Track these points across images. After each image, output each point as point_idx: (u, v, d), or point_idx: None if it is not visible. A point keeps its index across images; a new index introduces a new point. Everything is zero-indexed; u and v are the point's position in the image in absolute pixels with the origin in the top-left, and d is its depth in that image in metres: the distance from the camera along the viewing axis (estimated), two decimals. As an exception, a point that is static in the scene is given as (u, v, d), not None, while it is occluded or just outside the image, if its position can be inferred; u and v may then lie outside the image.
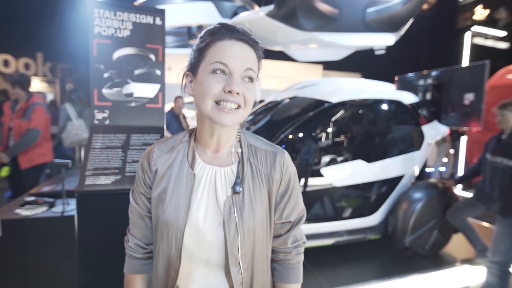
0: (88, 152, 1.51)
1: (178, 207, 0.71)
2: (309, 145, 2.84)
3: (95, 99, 1.61)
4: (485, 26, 10.66)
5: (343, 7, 3.10)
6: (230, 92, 0.65)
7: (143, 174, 0.78)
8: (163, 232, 0.72)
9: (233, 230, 0.70)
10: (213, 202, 0.73)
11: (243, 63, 0.67)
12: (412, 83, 4.32)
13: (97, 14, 1.58)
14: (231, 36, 0.68)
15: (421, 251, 2.93)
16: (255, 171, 0.75)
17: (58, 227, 1.63)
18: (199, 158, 0.76)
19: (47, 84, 9.94)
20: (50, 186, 2.17)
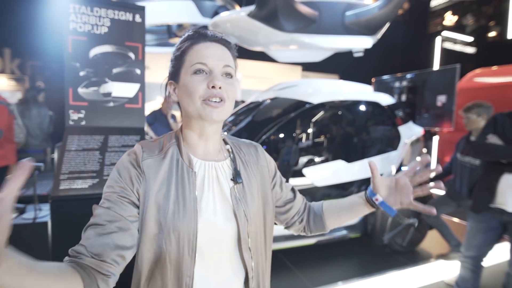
0: (63, 154, 1.42)
1: (186, 208, 0.70)
2: (290, 146, 2.86)
3: (70, 99, 1.53)
4: (454, 31, 11.24)
5: (323, 9, 3.15)
6: (213, 87, 0.70)
7: (129, 174, 0.70)
8: (170, 239, 0.67)
9: (243, 216, 0.75)
10: (219, 195, 0.75)
11: (221, 61, 0.72)
12: (388, 85, 4.47)
13: (72, 10, 1.50)
14: (205, 39, 0.74)
15: (398, 248, 3.03)
16: (245, 163, 0.83)
17: (30, 234, 1.53)
18: (194, 157, 0.76)
19: (15, 82, 9.41)
20: (20, 191, 2.04)
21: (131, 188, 0.69)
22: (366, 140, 3.10)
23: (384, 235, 2.91)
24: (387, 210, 0.82)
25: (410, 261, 2.90)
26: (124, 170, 0.70)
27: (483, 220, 2.17)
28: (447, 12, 11.17)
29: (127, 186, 0.69)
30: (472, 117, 2.62)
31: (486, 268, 2.77)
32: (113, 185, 0.69)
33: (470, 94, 6.19)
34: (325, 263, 2.88)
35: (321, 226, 0.92)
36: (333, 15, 3.25)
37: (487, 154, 2.09)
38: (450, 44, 11.42)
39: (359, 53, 3.70)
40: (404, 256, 3.00)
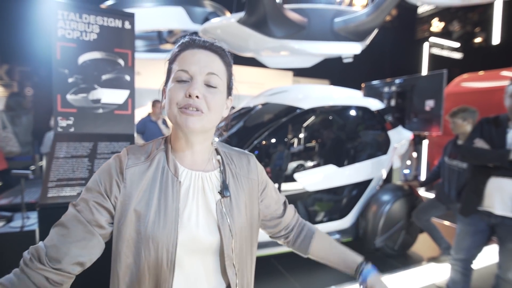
0: (51, 162, 1.40)
1: (167, 218, 0.67)
2: (281, 151, 2.87)
3: (59, 105, 1.52)
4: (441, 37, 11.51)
5: (312, 16, 3.20)
6: (190, 96, 0.66)
7: (110, 180, 0.68)
8: (149, 249, 0.66)
9: (227, 232, 0.72)
10: (204, 207, 0.72)
11: (204, 68, 0.69)
12: (377, 90, 4.53)
13: (61, 16, 1.49)
14: (193, 46, 0.71)
15: (390, 252, 3.05)
16: (235, 175, 0.80)
17: (18, 242, 1.50)
18: (181, 166, 0.74)
19: (3, 88, 9.25)
20: (8, 199, 1.99)
21: (108, 195, 0.68)
22: (356, 144, 3.14)
23: (376, 239, 2.93)
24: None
25: (402, 264, 2.93)
26: (106, 175, 0.69)
27: (472, 223, 2.21)
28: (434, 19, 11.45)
29: (104, 193, 0.68)
30: (458, 121, 2.68)
31: (476, 271, 2.81)
32: (91, 188, 0.69)
33: (458, 98, 6.34)
34: (317, 267, 2.87)
35: (304, 251, 0.92)
36: (322, 22, 3.30)
37: (474, 158, 2.14)
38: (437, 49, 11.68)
39: (348, 59, 3.75)
40: (396, 260, 3.02)
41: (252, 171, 0.84)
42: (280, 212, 0.91)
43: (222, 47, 0.75)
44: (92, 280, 0.68)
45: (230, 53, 0.78)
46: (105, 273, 0.71)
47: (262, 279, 2.59)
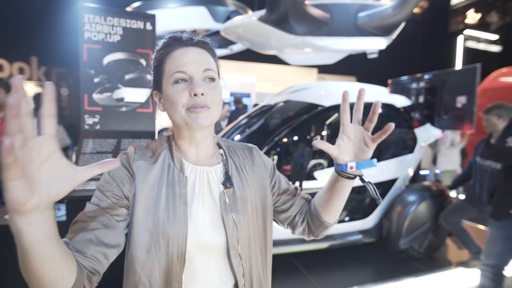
0: (79, 157, 1.49)
1: (176, 214, 0.69)
2: (302, 149, 2.85)
3: (86, 104, 1.60)
4: (477, 29, 10.82)
5: (335, 11, 3.13)
6: (195, 95, 0.68)
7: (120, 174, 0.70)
8: (159, 244, 0.68)
9: (231, 223, 0.73)
10: (209, 200, 0.74)
11: (199, 65, 0.70)
12: (405, 86, 4.36)
13: (87, 20, 1.58)
14: (181, 45, 0.71)
15: (415, 254, 2.93)
16: (239, 167, 0.80)
17: (48, 233, 1.61)
18: (186, 162, 0.75)
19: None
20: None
21: (121, 189, 0.69)
22: (380, 143, 3.03)
23: (400, 240, 2.83)
24: (367, 166, 0.74)
25: (428, 268, 2.81)
26: (116, 171, 0.70)
27: (503, 227, 2.08)
28: (470, 10, 10.77)
29: (117, 187, 0.69)
30: (492, 119, 2.50)
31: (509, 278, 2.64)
32: (104, 185, 0.70)
33: (494, 94, 5.94)
34: (337, 267, 2.84)
35: (319, 222, 0.83)
36: (345, 17, 3.22)
37: (506, 158, 2.01)
38: (473, 43, 11.00)
39: (373, 54, 3.64)
40: (422, 263, 2.90)
41: (257, 160, 0.84)
42: (292, 195, 0.88)
43: (205, 40, 0.75)
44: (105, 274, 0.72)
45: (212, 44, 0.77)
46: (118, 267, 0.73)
47: (281, 278, 2.59)
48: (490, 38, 10.97)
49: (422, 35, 11.09)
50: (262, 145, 2.64)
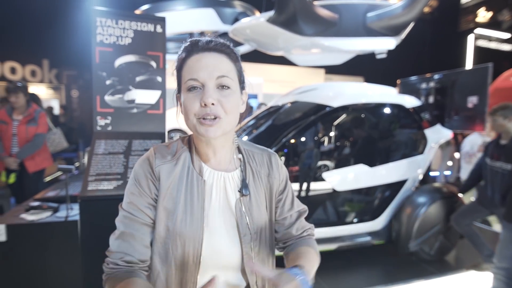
0: (91, 158, 1.53)
1: (193, 216, 0.71)
2: (310, 150, 2.84)
3: (98, 106, 1.64)
4: (488, 28, 10.63)
5: (343, 12, 3.12)
6: (206, 105, 0.67)
7: (146, 181, 0.73)
8: (176, 245, 0.70)
9: (246, 230, 0.74)
10: (225, 205, 0.75)
11: (213, 72, 0.68)
12: (414, 87, 4.31)
13: (99, 23, 1.61)
14: (197, 50, 0.70)
15: (426, 257, 2.89)
16: (255, 174, 0.81)
17: (62, 231, 1.65)
18: (205, 165, 0.76)
19: (53, 91, 10.09)
20: (55, 191, 2.19)
21: (149, 195, 0.72)
22: (389, 144, 3.02)
23: (410, 243, 2.80)
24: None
25: (438, 270, 2.77)
26: (142, 178, 0.73)
27: (517, 229, 2.04)
28: (481, 8, 10.59)
29: (145, 193, 0.72)
30: (498, 119, 2.48)
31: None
32: (134, 192, 0.73)
33: (507, 94, 5.82)
34: (346, 269, 2.82)
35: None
36: (354, 17, 3.21)
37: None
38: (484, 42, 10.81)
39: (382, 54, 3.61)
40: (432, 265, 2.87)
41: (273, 170, 0.84)
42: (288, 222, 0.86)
43: (226, 43, 0.73)
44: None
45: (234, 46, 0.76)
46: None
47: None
48: (501, 37, 10.76)
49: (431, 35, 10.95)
50: (269, 146, 2.65)
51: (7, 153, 3.09)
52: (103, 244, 1.50)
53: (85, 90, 10.25)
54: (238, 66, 0.75)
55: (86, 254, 1.48)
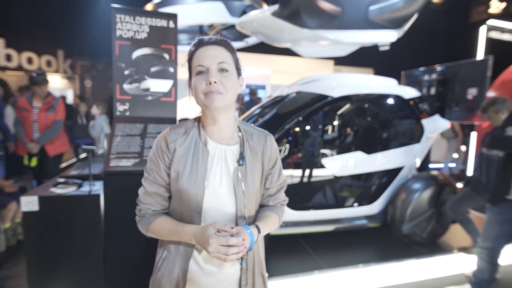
0: (112, 139, 1.75)
1: (197, 178, 0.92)
2: (312, 137, 3.01)
3: (117, 93, 1.85)
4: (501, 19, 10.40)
5: (346, 5, 3.24)
6: (210, 83, 0.87)
7: (162, 153, 0.95)
8: (183, 200, 0.93)
9: (241, 192, 0.95)
10: (225, 171, 0.96)
11: (215, 59, 0.89)
12: (417, 78, 4.42)
13: (118, 19, 1.81)
14: (203, 44, 0.92)
15: (418, 239, 3.07)
16: (252, 150, 1.01)
17: (86, 203, 1.89)
18: (210, 140, 0.97)
19: (67, 80, 10.43)
20: (77, 171, 2.45)
21: (164, 163, 0.96)
22: (386, 132, 3.16)
23: (403, 226, 2.98)
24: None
25: (429, 252, 2.94)
26: (159, 151, 0.97)
27: (500, 212, 2.19)
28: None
29: (161, 164, 0.96)
30: (492, 115, 2.62)
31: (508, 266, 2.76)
32: (154, 161, 0.98)
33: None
34: (342, 249, 3.02)
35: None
36: (356, 10, 3.32)
37: (504, 146, 2.11)
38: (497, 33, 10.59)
39: (385, 47, 3.72)
40: (423, 247, 3.05)
41: (267, 148, 1.03)
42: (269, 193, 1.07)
43: (224, 39, 0.94)
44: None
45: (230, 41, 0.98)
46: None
47: (290, 256, 2.79)
48: (515, 28, 10.52)
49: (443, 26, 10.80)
50: (273, 133, 2.83)
51: (29, 139, 3.35)
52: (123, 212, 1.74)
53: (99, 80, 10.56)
54: (234, 56, 0.97)
55: (110, 217, 1.72)
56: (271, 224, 1.01)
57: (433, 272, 2.72)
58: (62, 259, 1.89)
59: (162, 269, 0.99)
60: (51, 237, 1.88)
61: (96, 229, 1.90)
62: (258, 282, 1.05)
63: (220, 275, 0.96)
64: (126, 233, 1.74)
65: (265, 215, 1.02)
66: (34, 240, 1.87)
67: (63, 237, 1.90)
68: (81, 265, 1.92)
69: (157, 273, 1.00)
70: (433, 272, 2.72)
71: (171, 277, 0.96)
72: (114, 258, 1.83)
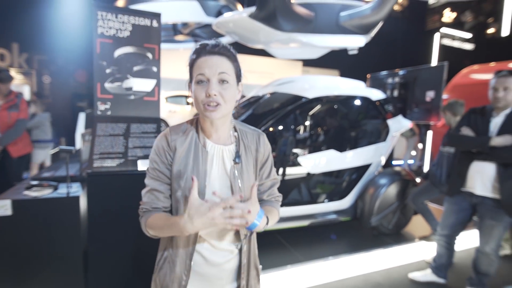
0: (94, 139, 1.71)
1: (199, 177, 0.97)
2: (287, 137, 3.13)
3: (98, 92, 1.81)
4: (452, 28, 11.39)
5: (319, 10, 3.40)
6: (209, 95, 0.91)
7: (163, 151, 0.99)
8: (186, 197, 0.96)
9: (237, 189, 1.00)
10: (222, 170, 1.02)
11: (216, 69, 0.91)
12: (382, 81, 4.73)
13: (100, 16, 1.77)
14: (205, 53, 0.94)
15: (385, 230, 3.32)
16: (247, 148, 1.07)
17: (64, 206, 1.82)
18: (208, 140, 1.03)
19: (23, 76, 9.68)
20: (50, 172, 2.33)
21: (166, 161, 1.00)
22: (356, 132, 3.37)
23: (372, 218, 3.20)
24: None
25: (395, 241, 3.20)
26: (161, 150, 1.00)
27: (456, 202, 2.45)
28: (446, 9, 11.33)
29: (163, 162, 1.00)
30: (450, 116, 2.98)
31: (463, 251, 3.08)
32: (156, 160, 1.01)
33: (465, 90, 6.40)
34: (318, 242, 3.18)
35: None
36: (328, 16, 3.50)
37: (460, 144, 2.37)
38: (448, 40, 11.58)
39: (353, 51, 3.95)
40: (390, 237, 3.30)
41: (260, 146, 1.09)
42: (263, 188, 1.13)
43: (227, 47, 0.96)
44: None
45: (233, 48, 0.99)
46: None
47: (268, 252, 2.89)
48: (464, 37, 11.58)
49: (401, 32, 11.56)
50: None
51: None
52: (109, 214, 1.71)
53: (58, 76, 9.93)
54: (236, 65, 1.00)
55: (92, 223, 1.68)
56: (273, 214, 1.08)
57: (399, 260, 2.96)
58: (38, 266, 1.81)
59: (164, 268, 1.03)
60: (26, 243, 1.80)
61: (75, 233, 1.84)
62: (253, 273, 1.12)
63: (224, 265, 1.02)
64: (112, 236, 1.71)
65: (267, 207, 1.09)
66: (6, 247, 1.78)
67: (39, 242, 1.82)
68: (59, 271, 1.85)
69: (159, 272, 1.04)
70: (399, 260, 2.96)
71: (172, 275, 1.00)
72: (99, 262, 1.80)
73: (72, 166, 2.44)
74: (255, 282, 1.14)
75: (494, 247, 2.26)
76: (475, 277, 2.38)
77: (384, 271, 2.84)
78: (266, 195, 1.15)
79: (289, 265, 2.55)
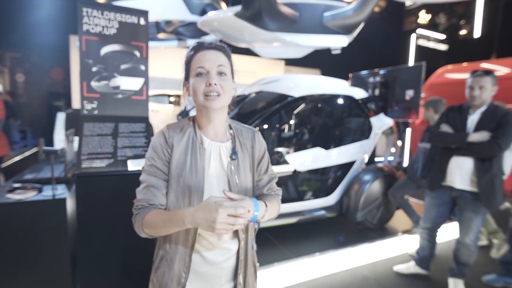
0: (82, 139, 1.66)
1: (197, 175, 0.98)
2: (274, 135, 3.16)
3: (84, 91, 1.75)
4: (428, 29, 11.84)
5: (303, 10, 3.45)
6: (210, 85, 0.94)
7: (161, 148, 0.99)
8: (185, 194, 0.97)
9: (234, 185, 1.02)
10: (220, 167, 1.03)
11: (215, 62, 0.96)
12: (363, 80, 4.84)
13: (85, 13, 1.72)
14: (203, 48, 0.98)
15: (369, 225, 3.42)
16: (242, 145, 1.09)
17: (50, 209, 1.76)
18: (205, 138, 1.04)
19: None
20: (32, 174, 2.24)
21: (164, 158, 1.00)
22: (341, 130, 3.45)
23: (357, 214, 3.29)
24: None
25: (379, 236, 3.30)
26: (158, 147, 1.00)
27: (437, 196, 2.57)
28: (421, 11, 11.75)
29: (161, 158, 1.00)
30: (431, 114, 3.11)
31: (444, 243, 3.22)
32: (153, 157, 1.00)
33: (440, 89, 6.69)
34: (305, 238, 3.23)
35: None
36: (313, 16, 3.55)
37: (440, 140, 2.48)
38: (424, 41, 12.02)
39: (336, 50, 4.03)
40: (374, 232, 3.40)
41: (256, 143, 1.12)
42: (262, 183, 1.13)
43: (222, 44, 1.01)
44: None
45: (228, 46, 1.05)
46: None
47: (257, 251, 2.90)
48: (438, 38, 12.06)
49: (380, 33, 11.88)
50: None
51: None
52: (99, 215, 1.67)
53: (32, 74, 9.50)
54: (230, 61, 1.05)
55: (81, 225, 1.63)
56: (273, 205, 1.07)
57: (384, 253, 3.06)
58: (24, 271, 1.74)
59: (161, 267, 1.02)
60: (9, 248, 1.72)
61: (62, 236, 1.78)
62: (250, 270, 1.13)
63: (223, 264, 1.02)
64: (102, 238, 1.67)
65: (266, 198, 1.09)
66: (-12, 252, 1.70)
67: (24, 247, 1.75)
68: (46, 275, 1.79)
69: (157, 271, 1.03)
70: (384, 253, 3.06)
71: (171, 273, 1.00)
72: (88, 265, 1.75)
73: (55, 168, 2.35)
74: (252, 279, 1.16)
75: (473, 238, 2.38)
76: (456, 267, 2.50)
77: (370, 265, 2.92)
78: (265, 189, 1.16)
79: (277, 262, 2.58)
